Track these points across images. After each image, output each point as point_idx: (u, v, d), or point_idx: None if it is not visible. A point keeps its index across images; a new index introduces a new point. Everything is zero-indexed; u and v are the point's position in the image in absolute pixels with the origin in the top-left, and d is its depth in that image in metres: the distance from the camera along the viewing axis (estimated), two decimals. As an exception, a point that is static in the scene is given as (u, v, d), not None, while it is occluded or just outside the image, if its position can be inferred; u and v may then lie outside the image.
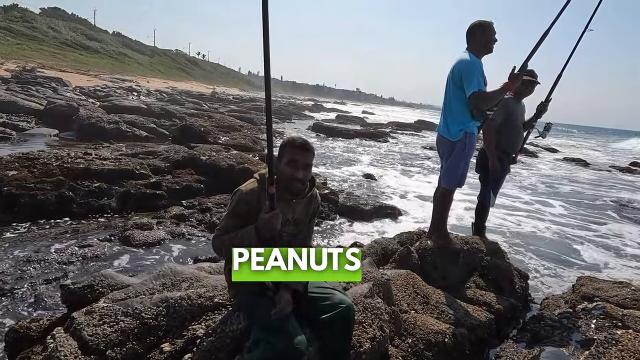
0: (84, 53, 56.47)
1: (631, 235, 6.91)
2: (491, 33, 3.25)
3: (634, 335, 2.41)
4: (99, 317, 1.99)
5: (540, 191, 10.44)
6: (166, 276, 2.34)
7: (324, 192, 6.33)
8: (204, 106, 23.03)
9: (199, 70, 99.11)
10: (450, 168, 3.41)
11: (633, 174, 16.64)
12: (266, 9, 1.56)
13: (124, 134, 10.37)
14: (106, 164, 5.74)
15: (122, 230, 4.50)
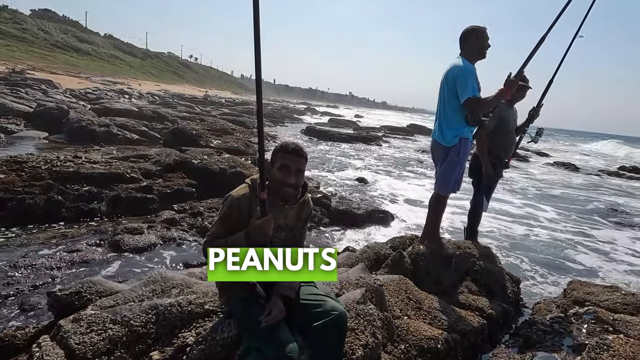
0: (75, 55, 56.01)
1: (620, 240, 6.97)
2: (484, 39, 3.26)
3: (625, 340, 2.42)
4: (87, 324, 1.95)
5: (532, 196, 10.51)
6: (156, 282, 2.30)
7: (316, 196, 6.31)
8: (196, 109, 22.94)
9: (192, 73, 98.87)
10: (445, 173, 3.40)
11: (621, 178, 16.89)
12: (257, 13, 1.55)
13: (115, 137, 10.27)
14: (96, 168, 5.67)
15: (112, 235, 4.44)
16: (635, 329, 2.73)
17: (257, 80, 1.65)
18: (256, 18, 1.56)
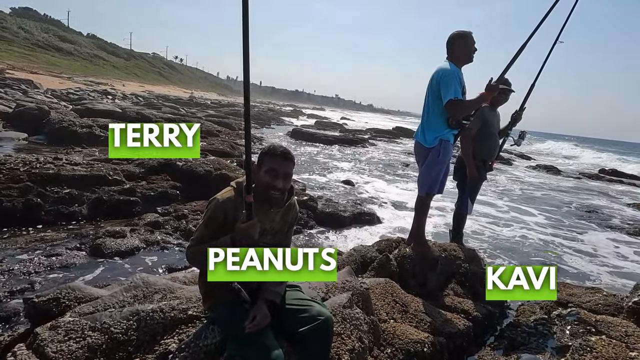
0: (57, 55, 54.91)
1: (601, 242, 7.11)
2: (470, 43, 3.31)
3: (608, 341, 2.45)
4: (65, 332, 1.89)
5: (516, 198, 10.66)
6: (137, 287, 2.24)
7: (302, 199, 6.29)
8: (181, 111, 22.70)
9: (177, 74, 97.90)
10: (423, 174, 3.44)
11: (602, 180, 17.30)
12: (246, 14, 1.52)
13: (98, 139, 10.06)
14: (77, 170, 5.54)
15: (93, 239, 4.33)
16: (616, 330, 2.77)
17: (244, 82, 1.62)
18: (245, 20, 1.53)
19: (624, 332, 2.76)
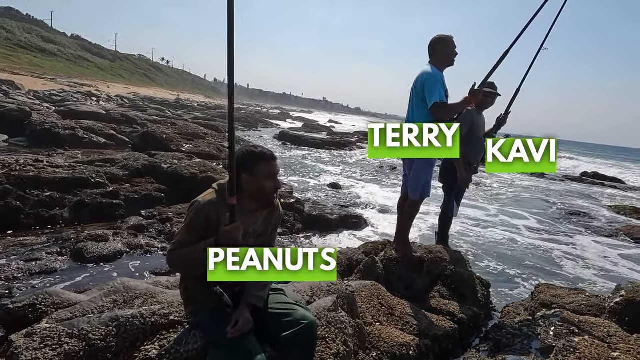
0: (40, 56, 53.92)
1: (584, 243, 7.24)
2: (451, 47, 3.35)
3: (590, 342, 2.48)
4: (41, 339, 1.82)
5: (501, 200, 10.79)
6: (118, 292, 2.19)
7: (289, 202, 6.25)
8: (167, 113, 22.44)
9: (163, 76, 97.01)
10: (414, 178, 3.46)
11: (584, 183, 17.66)
12: (232, 17, 1.50)
13: (81, 141, 9.89)
14: (59, 172, 5.42)
15: (75, 243, 4.23)
16: (599, 331, 2.81)
17: (229, 83, 1.59)
18: (230, 22, 1.50)
19: (606, 333, 2.79)
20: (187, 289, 1.83)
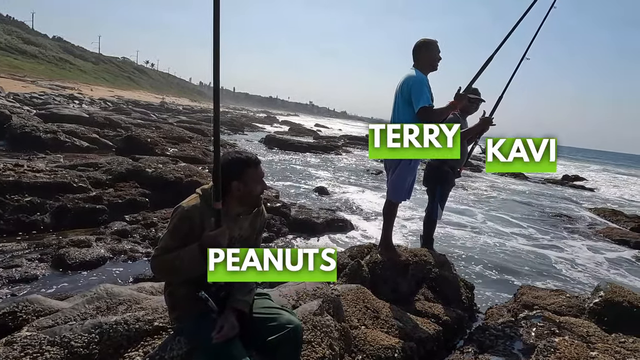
0: (20, 58, 52.79)
1: (566, 245, 7.40)
2: (435, 51, 3.39)
3: (570, 342, 2.54)
4: (21, 347, 1.79)
5: (485, 203, 10.95)
6: (101, 299, 2.17)
7: (275, 205, 6.25)
8: (151, 116, 22.22)
9: (148, 79, 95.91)
10: (397, 182, 3.50)
11: (564, 186, 18.08)
12: (217, 19, 1.50)
13: (63, 145, 9.69)
14: (40, 177, 5.32)
15: (56, 249, 4.16)
16: (579, 331, 2.88)
17: (214, 86, 1.59)
18: (216, 24, 1.51)
19: (586, 332, 2.86)
20: (172, 294, 1.81)
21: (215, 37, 1.51)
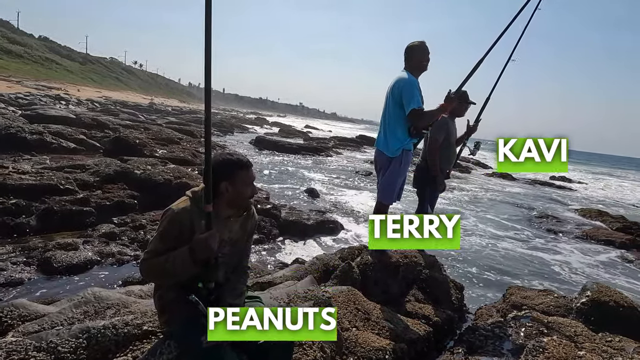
0: (5, 57, 51.84)
1: (554, 245, 7.50)
2: (424, 53, 3.42)
3: (558, 342, 2.57)
4: (6, 353, 1.75)
5: (474, 205, 11.04)
6: (88, 303, 2.13)
7: (265, 207, 6.23)
8: (140, 117, 21.99)
9: (136, 79, 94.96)
10: (387, 183, 3.52)
11: (552, 187, 18.33)
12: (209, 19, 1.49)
13: (49, 146, 9.54)
14: (25, 179, 5.24)
15: (42, 252, 4.09)
16: (567, 330, 2.92)
17: (206, 87, 1.58)
18: (208, 24, 1.50)
19: (573, 332, 2.90)
20: (161, 298, 1.79)
21: (207, 39, 1.50)
